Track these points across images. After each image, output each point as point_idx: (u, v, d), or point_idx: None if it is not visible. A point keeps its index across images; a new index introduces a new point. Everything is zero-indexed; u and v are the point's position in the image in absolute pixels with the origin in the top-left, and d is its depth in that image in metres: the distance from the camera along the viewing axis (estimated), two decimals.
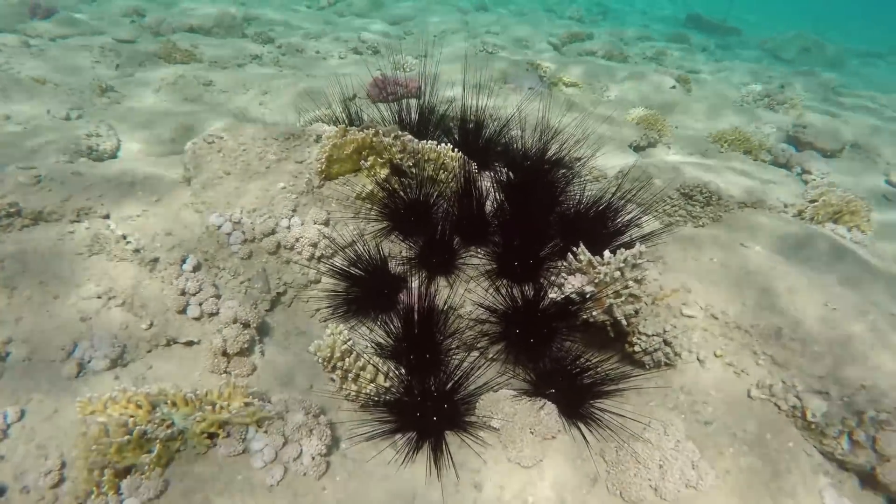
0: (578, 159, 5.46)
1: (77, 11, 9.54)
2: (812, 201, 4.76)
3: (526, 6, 18.89)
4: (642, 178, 5.00)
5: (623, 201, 3.43)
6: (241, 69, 7.99)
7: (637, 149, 6.10)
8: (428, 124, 4.31)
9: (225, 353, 2.73)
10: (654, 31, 18.44)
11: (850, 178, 6.52)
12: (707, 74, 11.60)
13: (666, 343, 2.65)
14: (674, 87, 8.78)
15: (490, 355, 2.93)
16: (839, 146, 7.16)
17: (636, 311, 2.75)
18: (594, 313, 2.73)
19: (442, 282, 3.18)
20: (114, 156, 5.04)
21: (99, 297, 2.84)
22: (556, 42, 12.96)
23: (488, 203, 3.49)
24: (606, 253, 2.96)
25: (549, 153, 3.92)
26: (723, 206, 4.54)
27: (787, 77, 12.13)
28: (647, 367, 2.73)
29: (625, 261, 2.87)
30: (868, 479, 2.53)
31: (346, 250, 3.30)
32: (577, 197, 3.67)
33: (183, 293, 2.91)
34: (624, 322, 2.69)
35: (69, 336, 2.67)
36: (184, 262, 3.03)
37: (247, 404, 2.37)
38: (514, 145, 4.45)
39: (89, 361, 2.63)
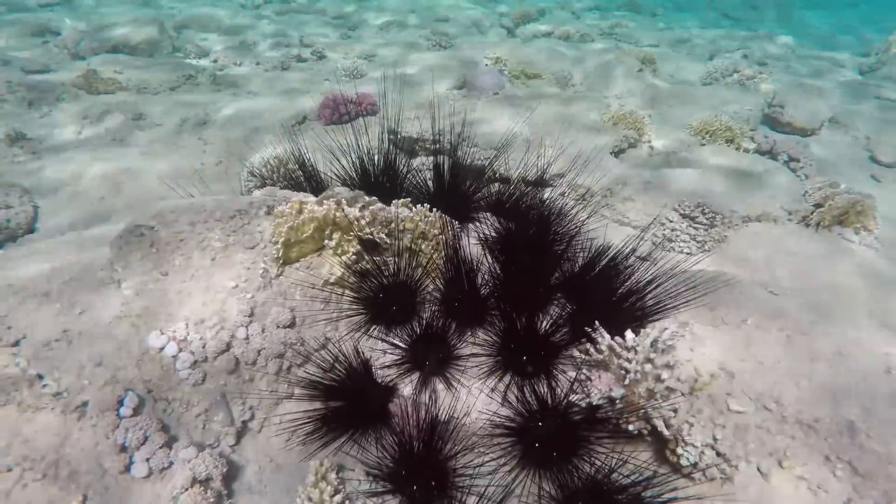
0: (560, 176, 5.01)
1: None
2: (818, 205, 4.42)
3: None
4: (634, 196, 4.58)
5: (632, 254, 2.99)
6: (174, 94, 7.16)
7: (618, 153, 5.66)
8: (395, 168, 3.75)
9: None
10: None
11: (833, 158, 6.28)
12: (667, 47, 11.23)
13: (719, 455, 2.24)
14: (640, 69, 8.35)
15: (507, 476, 2.47)
16: (817, 124, 6.90)
17: (675, 411, 2.32)
18: (629, 426, 2.29)
19: (439, 383, 2.68)
20: (30, 230, 4.30)
21: (10, 471, 2.25)
22: (510, 24, 12.37)
23: (480, 272, 2.99)
24: (629, 335, 2.51)
25: (545, 198, 3.46)
26: (727, 223, 4.16)
27: (744, 43, 11.87)
28: (697, 480, 2.31)
29: (653, 345, 2.44)
30: None
31: (321, 353, 2.77)
32: (578, 246, 3.24)
33: (123, 449, 2.34)
34: (665, 431, 2.26)
35: None
36: (121, 403, 2.44)
37: None
38: (499, 178, 3.97)
39: None
